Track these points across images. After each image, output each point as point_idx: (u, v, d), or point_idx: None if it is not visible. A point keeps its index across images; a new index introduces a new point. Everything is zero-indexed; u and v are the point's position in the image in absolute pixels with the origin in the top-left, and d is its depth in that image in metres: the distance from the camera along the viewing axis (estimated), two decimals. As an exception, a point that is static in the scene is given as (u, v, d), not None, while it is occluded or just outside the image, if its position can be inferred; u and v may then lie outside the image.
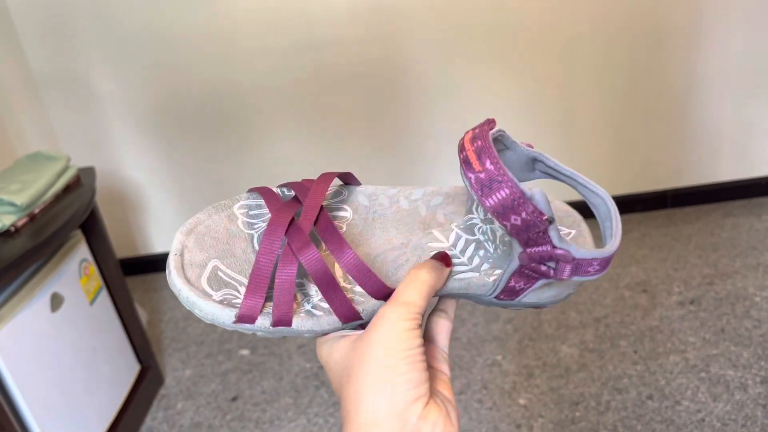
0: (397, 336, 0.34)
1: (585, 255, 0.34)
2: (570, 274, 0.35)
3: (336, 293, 0.37)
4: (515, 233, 0.34)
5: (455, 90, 1.99)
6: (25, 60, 1.91)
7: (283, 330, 0.38)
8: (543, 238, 0.34)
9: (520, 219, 0.33)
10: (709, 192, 2.20)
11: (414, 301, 0.36)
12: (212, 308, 0.37)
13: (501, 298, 0.40)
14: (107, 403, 1.44)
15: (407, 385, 0.33)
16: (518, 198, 0.32)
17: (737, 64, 1.99)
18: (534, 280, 0.37)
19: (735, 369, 1.46)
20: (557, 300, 0.42)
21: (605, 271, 0.36)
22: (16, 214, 1.20)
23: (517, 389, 1.50)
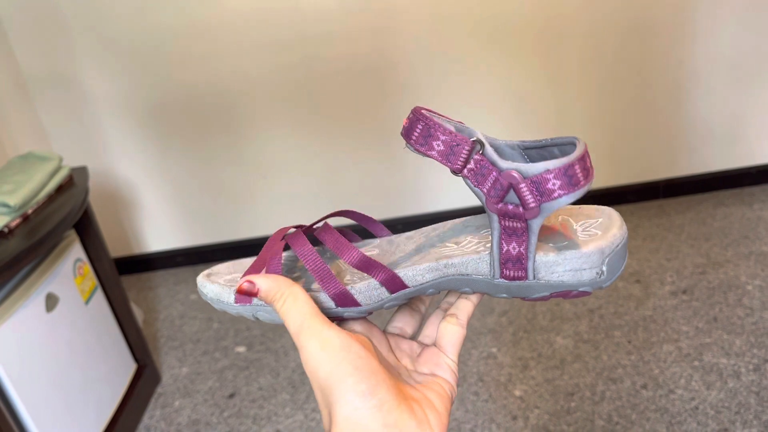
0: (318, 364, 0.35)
1: (535, 169, 0.34)
2: (535, 201, 0.34)
3: (323, 268, 0.39)
4: (447, 160, 0.35)
5: (446, 84, 2.00)
6: (14, 60, 1.90)
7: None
8: (485, 167, 0.35)
9: (441, 143, 0.35)
10: (701, 182, 2.21)
11: (300, 319, 0.36)
12: (216, 287, 0.42)
13: (509, 275, 0.38)
14: (104, 402, 1.45)
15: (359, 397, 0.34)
16: (434, 124, 0.35)
17: (727, 56, 2.00)
18: (524, 236, 0.36)
19: (728, 357, 1.48)
20: (584, 279, 0.38)
21: (579, 190, 0.34)
22: (9, 215, 1.20)
23: (513, 381, 1.51)
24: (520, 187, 0.35)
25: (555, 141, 0.37)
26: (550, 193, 0.34)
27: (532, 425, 1.38)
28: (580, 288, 0.38)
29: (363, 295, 0.40)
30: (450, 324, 0.41)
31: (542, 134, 2.10)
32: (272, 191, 2.15)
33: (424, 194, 2.19)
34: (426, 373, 0.40)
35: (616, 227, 0.39)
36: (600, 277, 0.38)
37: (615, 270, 0.39)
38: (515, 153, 0.39)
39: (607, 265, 0.38)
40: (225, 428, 1.51)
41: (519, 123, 2.08)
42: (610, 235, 0.39)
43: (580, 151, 0.35)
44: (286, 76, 1.96)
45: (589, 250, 0.38)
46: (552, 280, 0.38)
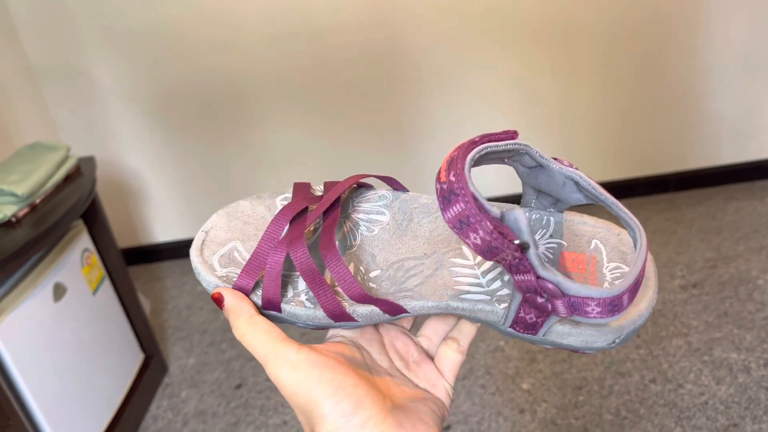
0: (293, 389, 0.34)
1: (577, 292, 0.31)
2: (567, 312, 0.32)
3: (323, 289, 0.37)
4: (482, 255, 0.31)
5: (456, 76, 1.98)
6: (22, 50, 1.89)
7: (276, 315, 0.38)
8: (523, 265, 0.31)
9: (479, 238, 0.30)
10: (712, 175, 2.19)
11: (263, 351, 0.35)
12: (213, 281, 0.39)
13: (519, 330, 0.36)
14: (112, 392, 1.45)
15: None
16: (474, 214, 0.29)
17: (739, 48, 1.98)
18: (545, 314, 0.34)
19: (738, 352, 1.46)
20: (593, 347, 0.36)
21: (616, 317, 0.31)
22: (17, 204, 1.20)
23: (520, 374, 1.50)
24: (555, 300, 0.32)
25: (617, 209, 0.34)
26: (585, 313, 0.32)
27: (539, 419, 1.37)
28: (587, 351, 0.37)
29: (363, 318, 0.38)
30: (451, 350, 0.40)
31: (553, 127, 2.08)
32: (280, 183, 2.15)
33: (432, 186, 2.18)
34: (421, 388, 0.39)
35: (647, 301, 0.36)
36: (609, 345, 0.36)
37: (628, 339, 0.36)
38: (567, 183, 0.36)
39: (622, 338, 0.36)
40: (232, 419, 1.51)
41: (527, 115, 2.07)
42: (636, 312, 0.35)
43: (634, 275, 0.31)
44: (294, 66, 1.95)
45: (608, 328, 0.35)
46: (560, 343, 0.36)
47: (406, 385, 0.38)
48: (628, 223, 0.34)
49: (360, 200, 0.44)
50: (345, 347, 0.38)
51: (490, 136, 0.33)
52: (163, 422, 1.53)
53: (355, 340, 0.40)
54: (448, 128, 2.05)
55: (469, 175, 0.30)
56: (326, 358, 0.34)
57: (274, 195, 0.44)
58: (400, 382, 0.38)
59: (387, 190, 0.44)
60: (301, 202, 0.40)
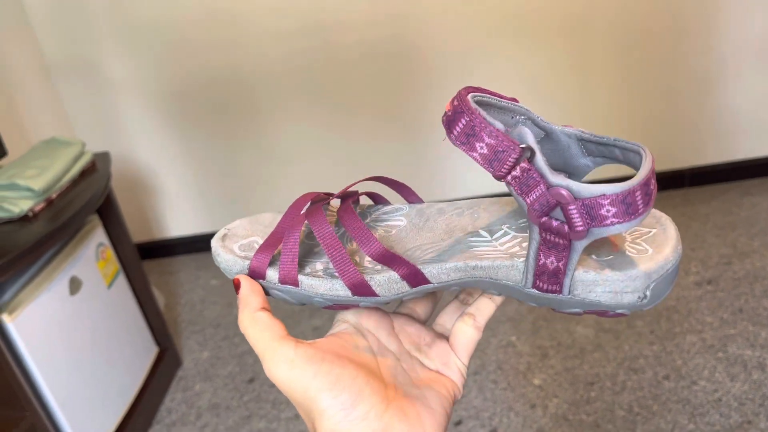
0: (291, 385, 0.33)
1: (589, 192, 0.30)
2: (584, 223, 0.31)
3: (341, 256, 0.36)
4: (490, 166, 0.31)
5: (468, 69, 1.97)
6: (38, 47, 1.91)
7: (293, 291, 0.38)
8: (532, 177, 0.31)
9: (485, 146, 0.31)
10: (727, 171, 2.17)
11: (262, 347, 0.35)
12: (231, 258, 0.39)
13: (542, 287, 0.35)
14: (126, 384, 1.47)
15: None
16: (479, 122, 0.30)
17: (756, 42, 1.95)
18: (565, 253, 0.33)
19: (753, 349, 1.45)
20: (623, 302, 0.34)
21: (636, 219, 0.30)
22: (33, 199, 1.21)
23: (532, 370, 1.50)
24: (569, 208, 0.31)
25: (618, 142, 0.34)
26: (602, 219, 0.31)
27: (550, 414, 1.37)
28: (617, 310, 0.35)
29: (382, 288, 0.37)
30: (466, 325, 0.39)
31: (566, 120, 2.06)
32: (292, 176, 2.16)
33: (445, 180, 2.17)
34: (432, 369, 0.38)
35: (670, 247, 0.35)
36: (641, 301, 0.34)
37: (660, 294, 0.35)
38: (571, 141, 0.36)
39: (651, 290, 0.34)
40: (245, 412, 1.52)
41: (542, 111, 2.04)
42: (661, 256, 0.34)
43: (645, 173, 0.31)
44: (306, 62, 1.96)
45: (635, 272, 0.34)
46: (588, 299, 0.35)
47: (414, 369, 0.38)
48: (632, 149, 0.34)
49: (377, 212, 0.44)
50: (348, 336, 0.38)
51: (491, 91, 0.34)
52: (177, 415, 1.55)
53: (361, 326, 0.39)
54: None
55: (471, 99, 0.31)
56: (323, 352, 0.34)
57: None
58: (408, 366, 0.38)
59: (403, 203, 0.44)
60: (320, 194, 0.40)
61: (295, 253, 0.37)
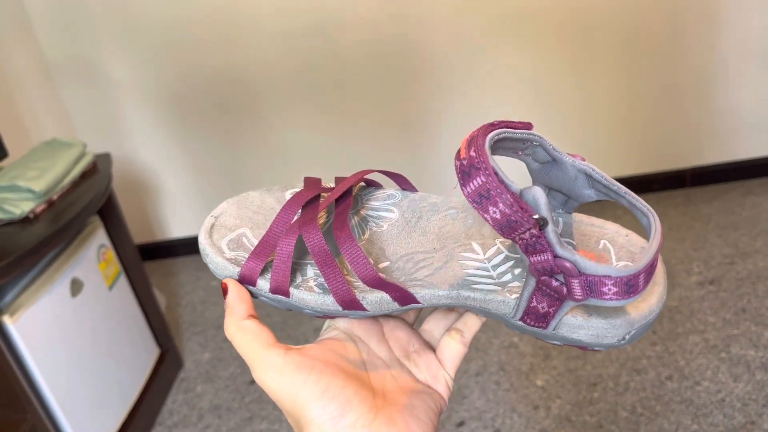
0: (280, 394, 0.33)
1: (594, 270, 0.31)
2: (583, 294, 0.31)
3: (333, 273, 0.36)
4: (500, 231, 0.31)
5: (470, 68, 1.97)
6: (38, 48, 1.91)
7: (284, 300, 0.38)
8: (541, 243, 0.31)
9: (498, 212, 0.30)
10: (729, 170, 2.16)
11: (251, 355, 0.35)
12: (221, 262, 0.38)
13: (529, 323, 0.36)
14: (128, 386, 1.46)
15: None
16: (495, 187, 0.30)
17: (757, 42, 1.95)
18: (557, 302, 0.33)
19: (756, 349, 1.45)
20: (603, 343, 0.36)
21: (632, 299, 0.31)
22: (34, 200, 1.21)
23: (535, 370, 1.49)
24: (572, 280, 0.31)
25: (628, 196, 0.34)
26: (602, 294, 0.31)
27: (553, 415, 1.37)
28: (596, 348, 0.36)
29: (372, 306, 0.37)
30: (454, 341, 0.40)
31: (568, 120, 2.06)
32: (293, 177, 2.15)
33: (448, 182, 2.17)
34: (421, 381, 0.38)
35: (657, 296, 0.36)
36: (620, 343, 0.36)
37: (638, 337, 0.36)
38: (579, 174, 0.36)
39: (632, 335, 0.35)
40: (246, 414, 1.52)
41: (543, 111, 2.05)
42: (646, 305, 0.35)
43: (652, 254, 0.31)
44: (307, 62, 1.95)
45: (620, 321, 0.35)
46: (570, 337, 0.36)
47: (403, 377, 0.38)
48: (641, 210, 0.34)
49: (369, 197, 0.44)
50: (338, 343, 0.38)
51: (507, 122, 0.34)
52: (178, 416, 1.55)
53: (351, 332, 0.39)
54: (461, 125, 2.05)
55: (489, 152, 0.31)
56: (312, 360, 0.34)
57: (284, 188, 0.45)
58: (398, 374, 0.38)
59: (396, 190, 0.44)
60: (312, 191, 0.40)
61: (288, 266, 0.37)
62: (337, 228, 0.37)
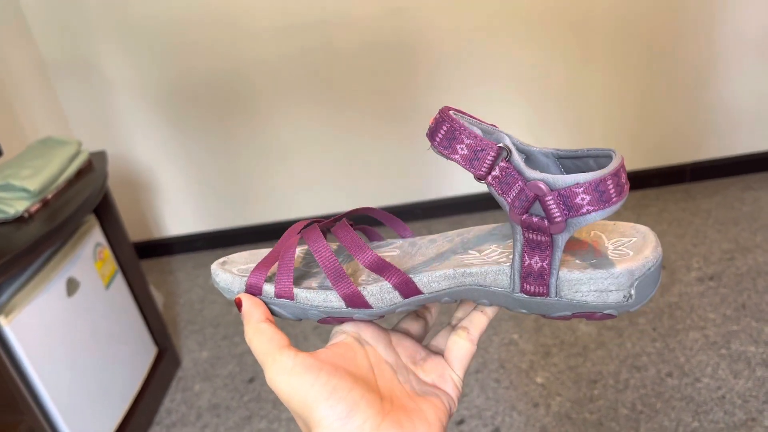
0: (289, 395, 0.34)
1: (564, 182, 0.32)
2: (561, 215, 0.32)
3: (334, 267, 0.38)
4: (470, 166, 0.33)
5: (468, 63, 1.96)
6: (34, 45, 1.90)
7: (289, 304, 0.40)
8: (511, 175, 0.33)
9: (465, 147, 0.33)
10: (729, 165, 2.15)
11: (263, 355, 0.36)
12: (229, 277, 0.41)
13: (530, 290, 0.36)
14: (125, 385, 1.46)
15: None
16: (458, 127, 0.33)
17: (757, 35, 1.94)
18: (547, 251, 0.34)
19: (756, 345, 1.44)
20: (610, 302, 0.36)
21: (610, 207, 0.32)
22: (29, 199, 1.20)
23: (535, 368, 1.49)
24: (546, 199, 0.33)
25: (591, 152, 0.36)
26: (578, 208, 0.32)
27: (553, 413, 1.36)
28: (605, 310, 0.36)
29: (374, 298, 0.38)
30: (460, 338, 0.40)
31: (566, 116, 2.05)
32: (291, 175, 2.14)
33: (444, 178, 2.16)
34: (428, 383, 0.39)
35: (650, 248, 0.37)
36: (627, 301, 0.36)
37: (645, 294, 0.36)
38: (549, 161, 0.37)
39: (636, 288, 0.36)
40: (245, 412, 1.51)
41: (541, 105, 2.04)
42: (641, 256, 0.36)
43: (615, 165, 0.33)
44: (304, 59, 1.94)
45: (618, 270, 0.35)
46: (575, 300, 0.36)
47: (410, 382, 0.38)
48: (605, 155, 0.35)
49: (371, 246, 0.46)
50: (346, 347, 0.38)
51: (472, 115, 0.36)
52: (176, 415, 1.54)
53: (360, 336, 0.40)
54: (460, 119, 2.03)
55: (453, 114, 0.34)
56: (321, 362, 0.35)
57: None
58: (405, 378, 0.38)
59: (396, 238, 0.46)
60: (309, 221, 0.43)
61: (291, 268, 0.39)
62: (336, 227, 0.40)
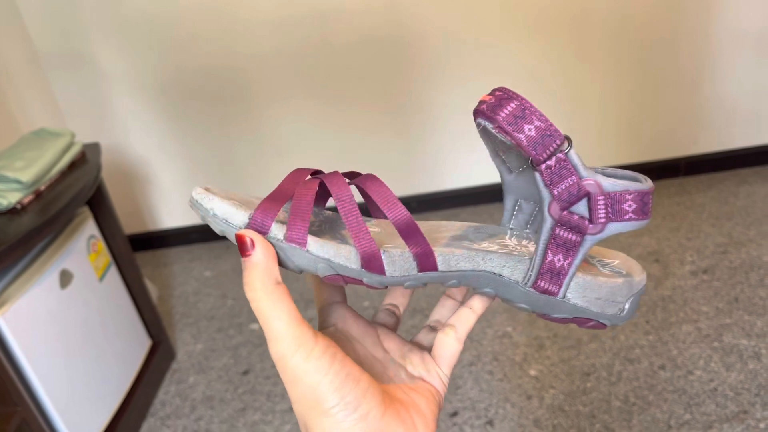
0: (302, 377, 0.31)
1: (613, 187, 0.33)
2: (606, 217, 0.34)
3: (357, 222, 0.34)
4: (532, 149, 0.33)
5: (464, 57, 1.96)
6: (28, 36, 1.88)
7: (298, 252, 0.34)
8: (566, 168, 0.33)
9: (533, 128, 0.33)
10: (723, 159, 2.16)
11: (281, 329, 0.31)
12: (225, 205, 0.34)
13: (542, 286, 0.36)
14: (120, 378, 1.45)
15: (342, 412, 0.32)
16: (529, 106, 0.33)
17: (752, 31, 1.94)
18: (572, 251, 0.35)
19: (748, 338, 1.45)
20: (607, 312, 0.37)
21: (644, 221, 0.34)
22: (21, 191, 1.19)
23: (528, 360, 1.49)
24: (597, 198, 0.34)
25: (624, 173, 0.37)
26: (623, 213, 0.34)
27: (547, 405, 1.37)
28: (600, 319, 0.38)
29: (392, 264, 0.35)
30: (447, 337, 0.39)
31: (562, 111, 2.05)
32: (286, 168, 2.13)
33: (440, 172, 2.16)
34: (416, 376, 0.38)
35: (640, 269, 0.39)
36: (620, 314, 0.38)
37: (632, 311, 0.38)
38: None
39: (630, 303, 0.38)
40: (239, 405, 1.51)
41: (538, 101, 2.03)
42: (637, 277, 0.38)
43: (650, 184, 0.35)
44: (300, 52, 1.93)
45: (623, 282, 0.37)
46: (579, 304, 0.37)
47: (400, 375, 0.38)
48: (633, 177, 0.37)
49: None
50: (337, 340, 0.38)
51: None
52: (171, 408, 1.54)
53: (348, 332, 0.39)
54: (455, 112, 2.03)
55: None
56: (335, 349, 0.32)
57: None
58: (395, 373, 0.38)
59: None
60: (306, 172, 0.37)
61: (308, 210, 0.34)
62: (364, 179, 0.36)
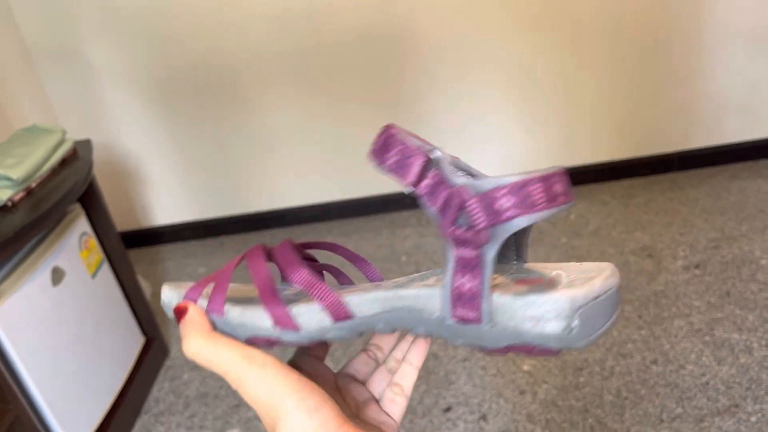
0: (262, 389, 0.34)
1: (488, 184, 0.31)
2: (486, 221, 0.31)
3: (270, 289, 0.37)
4: (399, 173, 0.34)
5: (457, 54, 1.95)
6: (18, 33, 1.87)
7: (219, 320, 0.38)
8: (441, 182, 0.33)
9: (394, 153, 0.34)
10: (716, 155, 2.17)
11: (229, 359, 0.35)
12: (171, 292, 0.40)
13: (461, 316, 0.33)
14: (113, 375, 1.45)
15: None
16: (391, 139, 0.35)
17: (743, 24, 1.94)
18: (477, 269, 0.32)
19: (740, 332, 1.46)
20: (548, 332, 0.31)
21: (533, 217, 0.30)
22: (12, 188, 1.19)
23: (521, 356, 1.50)
24: (468, 203, 0.31)
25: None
26: (500, 212, 0.30)
27: (540, 400, 1.37)
28: (544, 344, 0.32)
29: (302, 318, 0.36)
30: (396, 395, 0.42)
31: (555, 106, 2.06)
32: (279, 164, 2.13)
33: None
34: (371, 424, 0.40)
35: (601, 277, 0.33)
36: (569, 334, 0.31)
37: (593, 327, 0.32)
38: None
39: (580, 318, 0.31)
40: (233, 401, 1.51)
41: (530, 95, 2.04)
42: (588, 284, 0.32)
43: (547, 171, 0.31)
44: (293, 47, 1.93)
45: (556, 295, 0.31)
46: (509, 328, 0.32)
47: (355, 420, 0.39)
48: None
49: None
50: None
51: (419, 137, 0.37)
52: (164, 404, 1.54)
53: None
54: (449, 108, 2.03)
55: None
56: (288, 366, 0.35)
57: None
58: (350, 417, 0.39)
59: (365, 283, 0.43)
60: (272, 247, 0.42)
61: (226, 284, 0.38)
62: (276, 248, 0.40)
